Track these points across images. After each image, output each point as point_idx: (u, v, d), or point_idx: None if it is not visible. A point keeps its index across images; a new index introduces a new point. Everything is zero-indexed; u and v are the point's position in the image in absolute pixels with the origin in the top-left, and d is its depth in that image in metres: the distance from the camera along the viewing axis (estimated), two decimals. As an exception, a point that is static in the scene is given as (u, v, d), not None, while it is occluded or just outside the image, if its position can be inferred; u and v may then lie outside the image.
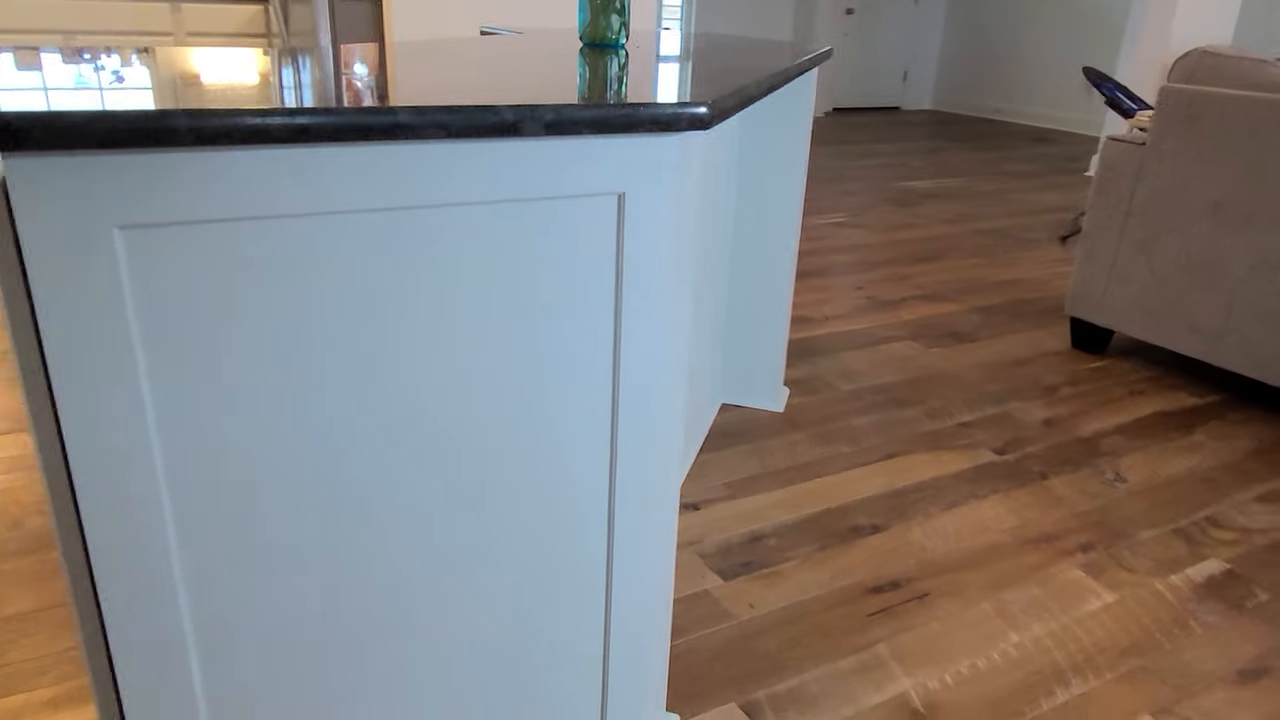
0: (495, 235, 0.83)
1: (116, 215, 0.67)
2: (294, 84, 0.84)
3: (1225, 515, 1.93)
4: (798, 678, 1.41)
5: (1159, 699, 1.40)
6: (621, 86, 0.96)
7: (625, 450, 0.98)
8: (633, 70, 1.14)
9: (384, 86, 0.85)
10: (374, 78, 0.91)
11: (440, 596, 0.94)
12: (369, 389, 0.82)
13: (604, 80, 1.01)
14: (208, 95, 0.73)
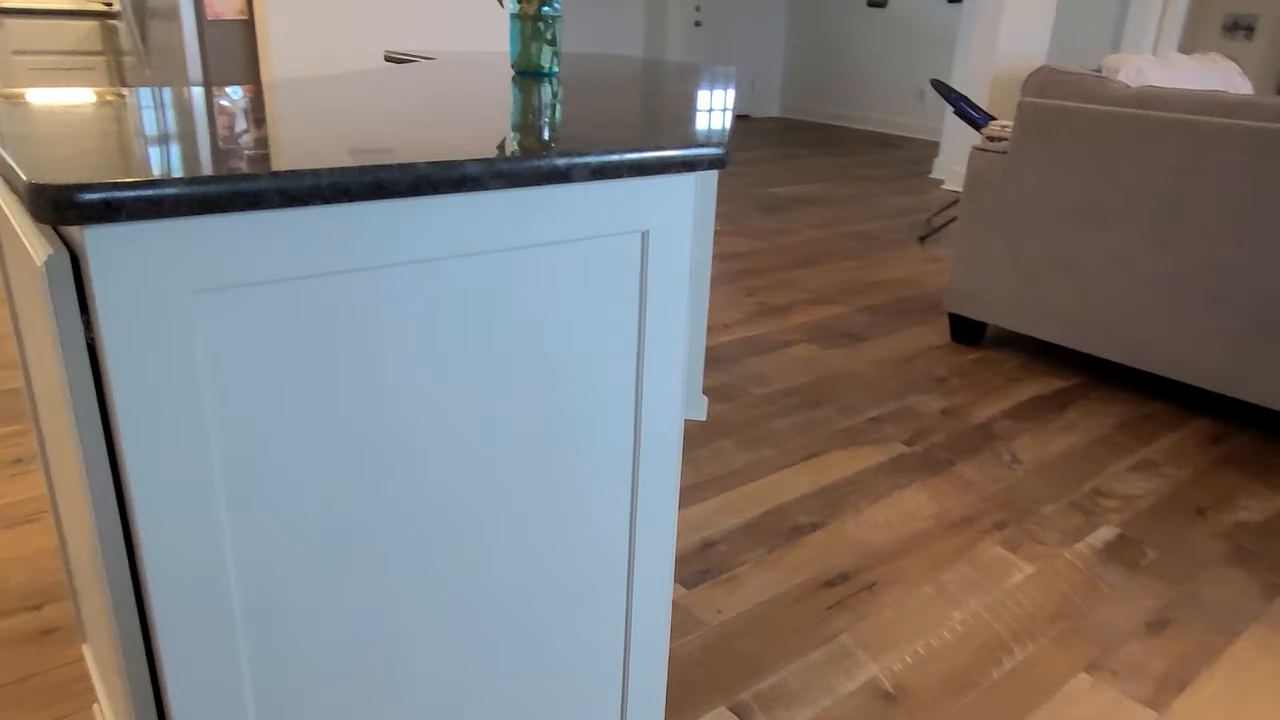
0: (541, 277, 0.85)
1: (191, 279, 0.66)
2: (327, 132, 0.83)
3: (1108, 485, 2.16)
4: (776, 675, 1.48)
5: (1088, 656, 1.57)
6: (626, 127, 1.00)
7: (646, 471, 1.02)
8: (607, 106, 1.17)
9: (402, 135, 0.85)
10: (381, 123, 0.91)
11: (469, 625, 0.94)
12: (425, 426, 0.83)
13: (610, 120, 1.04)
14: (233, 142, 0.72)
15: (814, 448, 2.26)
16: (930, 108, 8.08)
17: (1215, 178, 2.37)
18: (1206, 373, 2.47)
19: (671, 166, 0.88)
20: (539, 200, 0.82)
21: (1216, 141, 2.35)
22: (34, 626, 1.51)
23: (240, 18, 2.98)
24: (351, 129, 0.86)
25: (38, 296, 0.67)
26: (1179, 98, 2.43)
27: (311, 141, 0.78)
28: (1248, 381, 2.40)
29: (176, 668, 0.74)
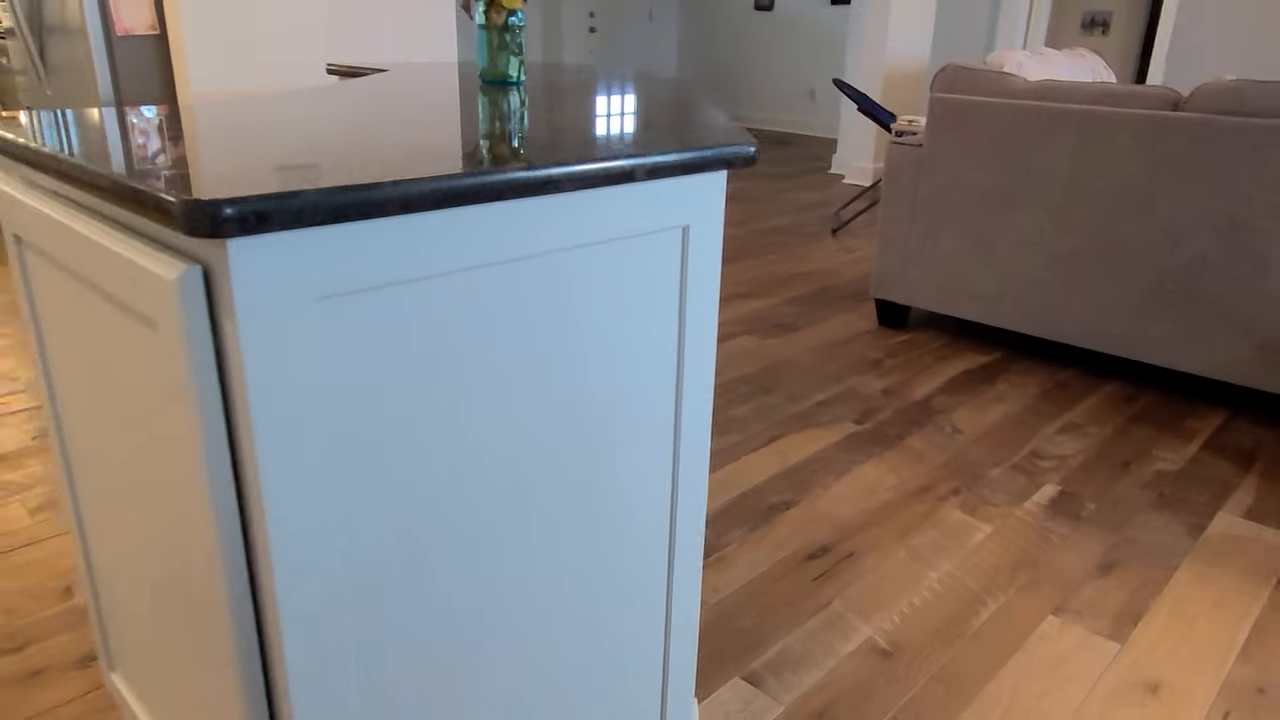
0: (600, 272, 0.90)
1: (315, 287, 0.68)
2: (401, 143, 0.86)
3: (1042, 448, 2.34)
4: (779, 644, 1.57)
5: (1052, 601, 1.71)
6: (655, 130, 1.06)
7: (686, 451, 1.08)
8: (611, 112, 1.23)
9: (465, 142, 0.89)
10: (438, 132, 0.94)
11: (547, 597, 0.99)
12: (511, 415, 0.87)
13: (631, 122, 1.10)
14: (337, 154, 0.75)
15: (773, 432, 2.37)
16: (821, 106, 8.40)
17: (1110, 161, 2.60)
18: (1111, 339, 2.70)
19: (712, 165, 0.94)
20: (604, 200, 0.87)
21: (1110, 128, 2.58)
22: (19, 669, 1.45)
23: (151, 33, 2.87)
24: (414, 139, 0.89)
25: (163, 310, 0.68)
26: (1075, 90, 2.65)
27: (392, 151, 0.81)
28: (1147, 345, 2.63)
29: (294, 647, 0.76)
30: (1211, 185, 2.44)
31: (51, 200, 0.87)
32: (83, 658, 1.48)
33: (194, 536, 0.77)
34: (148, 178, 0.65)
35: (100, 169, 0.69)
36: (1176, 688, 1.49)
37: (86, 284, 0.83)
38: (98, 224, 0.77)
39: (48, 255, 0.91)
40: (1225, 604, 1.71)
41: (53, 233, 0.85)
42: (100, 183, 0.69)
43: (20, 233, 0.96)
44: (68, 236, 0.81)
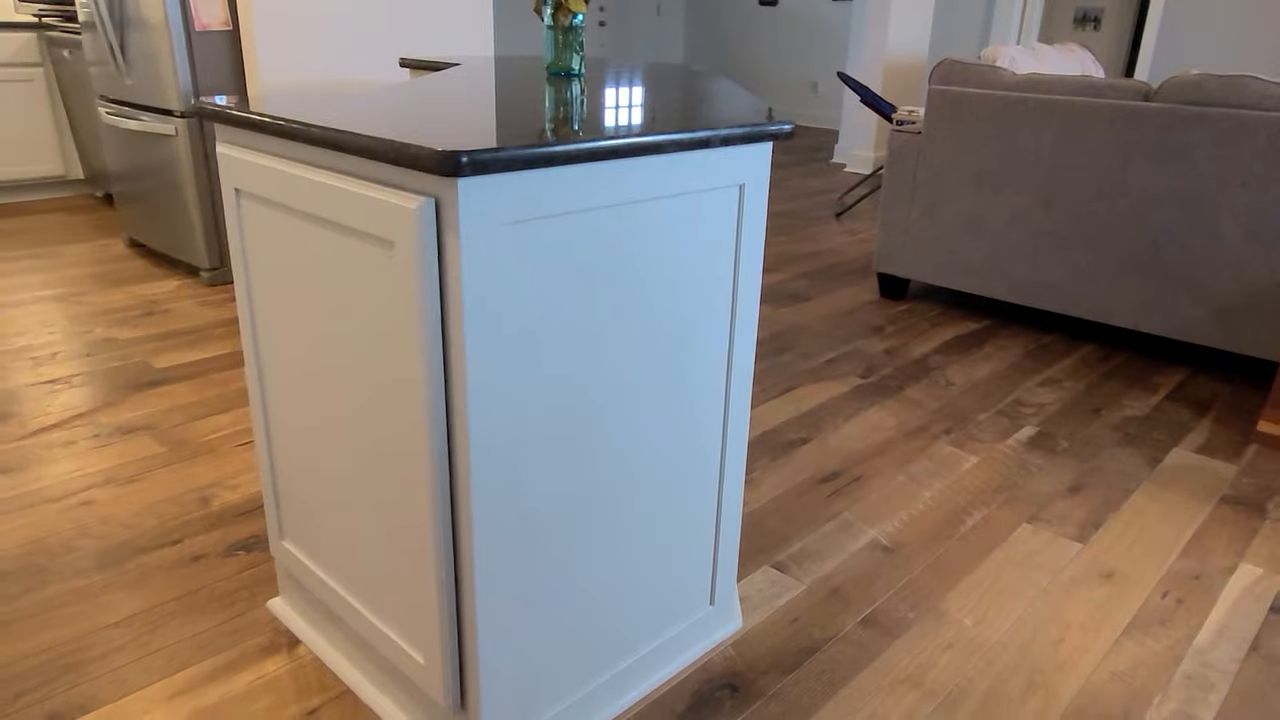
0: (685, 215, 1.22)
1: (505, 215, 1.00)
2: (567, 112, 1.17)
3: (1024, 397, 2.66)
4: (800, 542, 1.89)
5: (1026, 513, 2.04)
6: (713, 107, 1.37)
7: (737, 369, 1.40)
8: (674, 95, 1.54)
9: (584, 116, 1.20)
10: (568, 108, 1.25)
11: (640, 468, 1.31)
12: (625, 315, 1.18)
13: (693, 103, 1.41)
14: (516, 132, 1.06)
15: (788, 384, 2.69)
16: (823, 98, 8.70)
17: (1088, 146, 2.91)
18: (1088, 306, 3.02)
19: (762, 138, 1.26)
20: (689, 160, 1.19)
21: (1089, 117, 2.89)
22: (181, 556, 1.77)
23: (225, 28, 3.17)
24: (551, 112, 1.20)
25: (403, 232, 0.99)
26: (1058, 82, 2.96)
27: (544, 120, 1.12)
28: (1119, 310, 2.95)
29: (481, 502, 1.08)
30: (1176, 167, 2.76)
31: (279, 160, 1.18)
32: (230, 546, 1.79)
33: (407, 404, 1.08)
34: (397, 138, 0.97)
35: (362, 132, 1.00)
36: (1127, 575, 1.81)
37: (316, 221, 1.14)
38: (334, 175, 1.09)
39: (272, 203, 1.22)
40: (1173, 516, 2.03)
41: (285, 185, 1.16)
42: (361, 144, 1.00)
43: (241, 186, 1.27)
44: (304, 186, 1.13)
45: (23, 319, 3.02)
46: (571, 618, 1.29)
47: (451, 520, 1.12)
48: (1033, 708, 1.45)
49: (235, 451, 2.19)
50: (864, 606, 1.69)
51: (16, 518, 1.87)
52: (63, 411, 2.36)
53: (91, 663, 1.47)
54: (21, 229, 4.18)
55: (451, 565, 1.14)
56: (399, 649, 1.27)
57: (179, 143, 3.26)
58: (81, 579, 1.68)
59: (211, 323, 3.05)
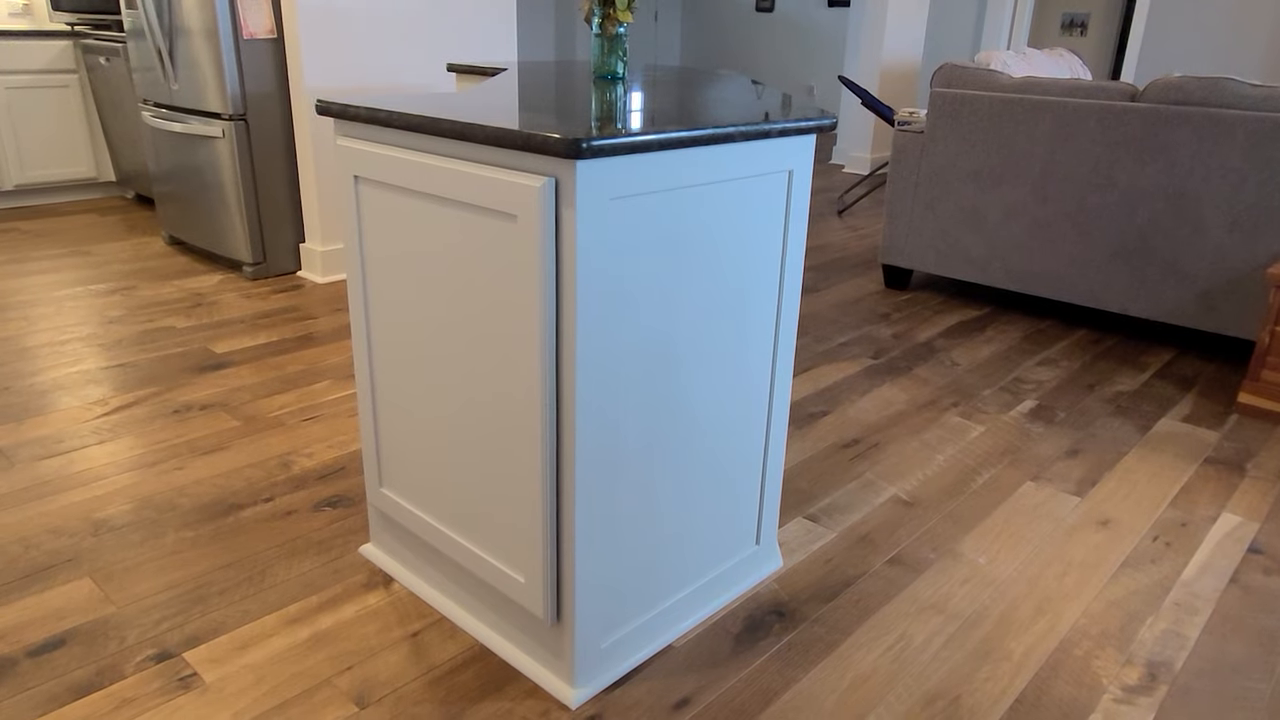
0: (745, 196, 1.43)
1: (609, 192, 1.21)
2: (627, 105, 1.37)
3: (1023, 376, 2.88)
4: (828, 498, 2.10)
5: (1030, 472, 2.25)
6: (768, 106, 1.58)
7: (783, 331, 1.61)
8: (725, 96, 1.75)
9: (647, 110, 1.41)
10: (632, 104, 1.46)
11: (705, 415, 1.51)
12: (699, 281, 1.39)
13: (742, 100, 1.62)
14: (612, 124, 1.26)
15: (806, 364, 2.90)
16: (819, 102, 8.93)
17: (1079, 143, 3.14)
18: (1081, 292, 3.24)
19: (807, 130, 1.47)
20: (751, 148, 1.39)
21: (1080, 116, 3.12)
22: (274, 511, 1.96)
23: (270, 36, 3.36)
24: (641, 107, 1.40)
25: (527, 208, 1.19)
26: (1052, 84, 3.19)
27: (648, 116, 1.33)
28: (1110, 296, 3.18)
29: (584, 435, 1.28)
30: (1161, 162, 2.99)
31: (400, 149, 1.38)
32: (317, 503, 1.99)
33: (522, 353, 1.28)
34: (522, 128, 1.17)
35: (490, 124, 1.20)
36: (1121, 523, 2.03)
37: (438, 201, 1.34)
38: (456, 161, 1.29)
39: (392, 186, 1.42)
40: (1162, 474, 2.25)
41: (407, 170, 1.36)
42: (491, 133, 1.20)
43: (361, 173, 1.47)
44: (427, 171, 1.33)
45: (81, 310, 3.21)
46: (646, 543, 1.49)
47: (555, 453, 1.32)
48: (1041, 628, 1.66)
49: (302, 426, 2.38)
50: (889, 550, 1.90)
51: (118, 480, 2.06)
52: (139, 390, 2.55)
53: (214, 596, 1.66)
54: (58, 229, 4.35)
55: (554, 493, 1.34)
56: (499, 572, 1.47)
57: (224, 144, 3.45)
58: (190, 530, 1.87)
59: (258, 313, 3.24)
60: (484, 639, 1.57)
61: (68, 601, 1.64)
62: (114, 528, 1.87)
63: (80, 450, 2.20)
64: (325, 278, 3.65)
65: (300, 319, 3.19)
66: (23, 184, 4.66)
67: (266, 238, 3.62)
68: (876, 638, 1.62)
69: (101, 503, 1.97)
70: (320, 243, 3.62)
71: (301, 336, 3.01)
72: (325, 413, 2.45)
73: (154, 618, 1.60)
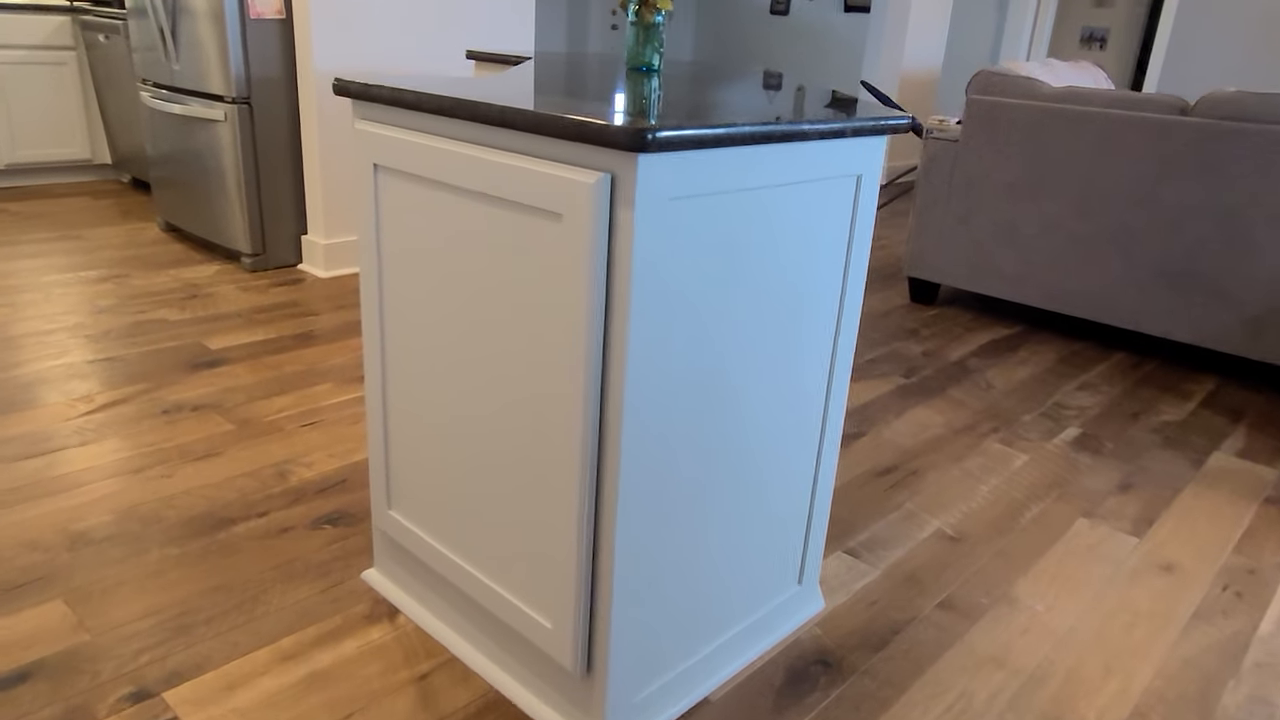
0: (814, 199, 1.27)
1: (670, 191, 1.05)
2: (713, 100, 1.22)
3: (1064, 400, 2.73)
4: (869, 530, 1.94)
5: (1081, 508, 2.10)
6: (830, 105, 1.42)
7: (840, 352, 1.45)
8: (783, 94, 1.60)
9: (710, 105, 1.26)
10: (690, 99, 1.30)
11: (755, 442, 1.35)
12: (754, 292, 1.23)
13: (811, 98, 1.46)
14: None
15: (834, 381, 2.74)
16: (832, 108, 8.79)
17: (1123, 157, 2.99)
18: (1120, 314, 3.10)
19: (881, 130, 1.31)
20: (822, 149, 1.24)
21: (1125, 129, 2.97)
22: (269, 528, 1.80)
23: (278, 17, 3.20)
24: (696, 100, 1.25)
25: (576, 206, 1.04)
26: (1095, 95, 3.04)
27: (709, 109, 1.17)
28: (1151, 319, 3.03)
29: (629, 466, 1.13)
30: (1211, 180, 2.84)
31: (429, 136, 1.23)
32: (315, 520, 1.83)
33: (562, 370, 1.13)
34: (576, 116, 1.01)
35: (541, 110, 1.05)
36: (1184, 568, 1.88)
37: (470, 195, 1.19)
38: (493, 151, 1.13)
39: (417, 177, 1.26)
40: (1221, 515, 2.10)
41: (436, 160, 1.21)
42: (539, 121, 1.05)
43: (381, 161, 1.31)
44: (459, 162, 1.17)
45: (70, 298, 3.03)
46: (687, 585, 1.33)
47: (596, 484, 1.17)
48: (1113, 689, 1.51)
49: (301, 432, 2.22)
50: (938, 591, 1.74)
51: (100, 488, 1.89)
52: (127, 387, 2.38)
53: (200, 625, 1.50)
54: (49, 211, 4.18)
55: (591, 529, 1.18)
56: (522, 614, 1.31)
57: (226, 129, 3.29)
58: (176, 547, 1.71)
59: (256, 307, 3.08)
60: (500, 685, 1.41)
61: (37, 627, 1.47)
62: (93, 541, 1.71)
63: (60, 452, 2.03)
64: (328, 272, 3.48)
65: (301, 315, 3.02)
66: (14, 164, 4.49)
67: (267, 228, 3.45)
68: (934, 695, 1.46)
69: (81, 512, 1.80)
70: (323, 235, 3.46)
71: (302, 334, 2.85)
72: (326, 418, 2.29)
73: (132, 649, 1.43)
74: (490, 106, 1.10)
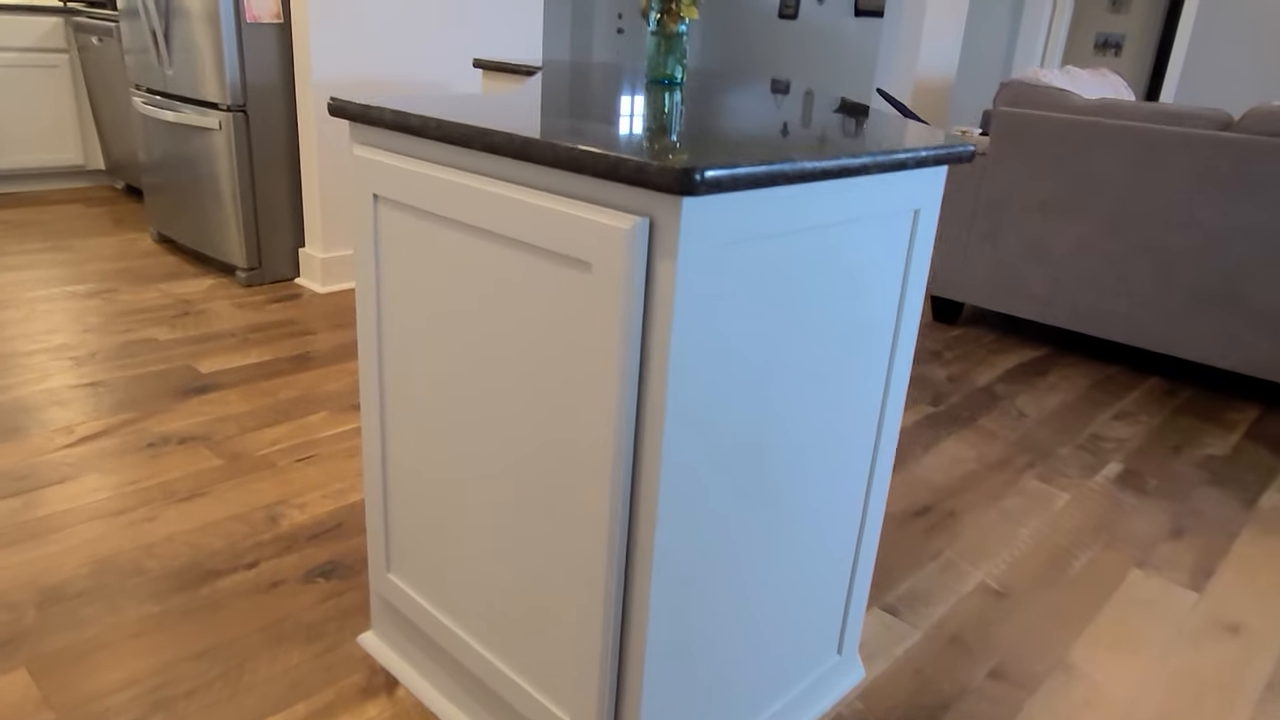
0: (869, 237, 1.13)
1: (722, 235, 0.90)
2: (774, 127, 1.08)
3: (1101, 432, 2.58)
4: (906, 583, 1.80)
5: (1132, 556, 1.95)
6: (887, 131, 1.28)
7: (891, 398, 1.31)
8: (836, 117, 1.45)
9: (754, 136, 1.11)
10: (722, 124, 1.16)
11: (797, 504, 1.21)
12: (803, 342, 1.09)
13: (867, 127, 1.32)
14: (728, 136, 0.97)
15: (859, 410, 2.60)
16: (841, 114, 8.64)
17: (1162, 174, 2.85)
18: (1155, 337, 2.95)
19: (944, 160, 1.17)
20: (881, 183, 1.10)
21: (1164, 145, 2.83)
22: (259, 581, 1.65)
23: (276, 21, 3.06)
24: (746, 128, 1.11)
25: (607, 255, 0.89)
26: (1133, 108, 2.90)
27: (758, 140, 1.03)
28: (1188, 343, 2.89)
29: (665, 540, 0.98)
30: (1257, 199, 2.70)
31: (438, 167, 1.08)
32: (308, 572, 1.68)
33: (586, 433, 0.98)
34: (614, 151, 0.87)
35: (575, 145, 0.90)
36: (1251, 629, 1.73)
37: (482, 235, 1.04)
38: (512, 187, 0.99)
39: (422, 212, 1.12)
40: (1282, 564, 1.96)
41: (445, 195, 1.06)
42: (571, 157, 0.90)
43: (382, 192, 1.17)
44: (472, 198, 1.03)
45: (55, 315, 2.89)
46: (723, 666, 1.19)
47: (626, 559, 1.02)
48: (1188, 774, 1.37)
49: (295, 468, 2.07)
50: (988, 657, 1.60)
51: (77, 533, 1.75)
52: (110, 417, 2.24)
53: (181, 699, 1.36)
54: (39, 220, 4.04)
55: (619, 609, 1.04)
56: (536, 704, 1.16)
57: (221, 137, 3.15)
58: (156, 603, 1.56)
59: (250, 326, 2.93)
60: (511, 774, 1.26)
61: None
62: (65, 598, 1.56)
63: (36, 491, 1.89)
64: (326, 287, 3.34)
65: (297, 334, 2.88)
66: (4, 170, 4.34)
67: (263, 241, 3.31)
68: (992, 785, 1.32)
69: (54, 563, 1.66)
70: (321, 249, 3.31)
71: (298, 356, 2.71)
72: (321, 451, 2.14)
73: (102, 732, 1.29)
74: (511, 139, 0.96)
